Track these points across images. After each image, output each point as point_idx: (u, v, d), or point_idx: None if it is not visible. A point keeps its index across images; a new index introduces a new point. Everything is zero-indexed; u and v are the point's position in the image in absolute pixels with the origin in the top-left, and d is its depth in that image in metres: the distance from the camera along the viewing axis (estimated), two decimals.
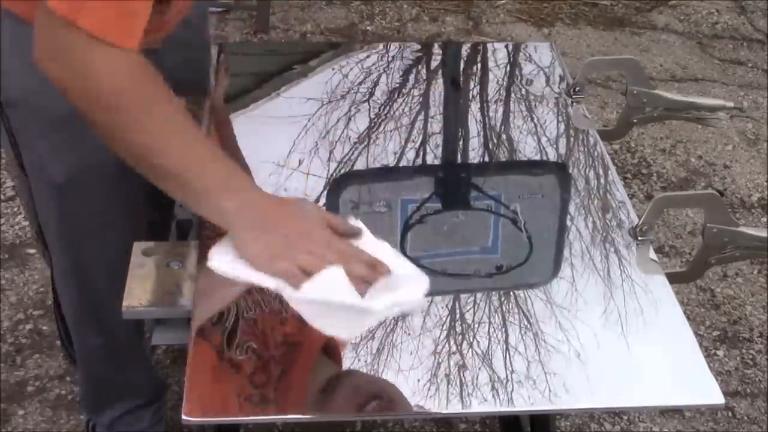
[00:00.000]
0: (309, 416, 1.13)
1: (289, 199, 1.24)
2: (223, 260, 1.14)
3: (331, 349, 1.19)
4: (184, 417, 1.06)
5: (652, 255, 1.34)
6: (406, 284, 1.13)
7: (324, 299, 1.10)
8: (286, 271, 1.11)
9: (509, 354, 1.16)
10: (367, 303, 1.10)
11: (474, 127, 1.60)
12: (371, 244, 1.17)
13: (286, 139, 1.51)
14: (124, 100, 1.13)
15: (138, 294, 1.20)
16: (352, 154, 1.50)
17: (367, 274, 1.12)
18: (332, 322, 1.11)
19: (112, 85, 1.12)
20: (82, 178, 1.44)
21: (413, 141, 1.55)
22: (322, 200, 1.42)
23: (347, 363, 1.16)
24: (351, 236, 1.18)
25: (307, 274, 1.11)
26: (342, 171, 1.48)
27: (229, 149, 1.46)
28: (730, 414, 2.18)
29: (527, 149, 1.56)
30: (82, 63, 1.12)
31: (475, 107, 1.66)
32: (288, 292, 1.11)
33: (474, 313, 1.21)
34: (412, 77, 1.72)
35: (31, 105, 1.39)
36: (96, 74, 1.12)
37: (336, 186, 1.45)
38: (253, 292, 1.19)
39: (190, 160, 1.15)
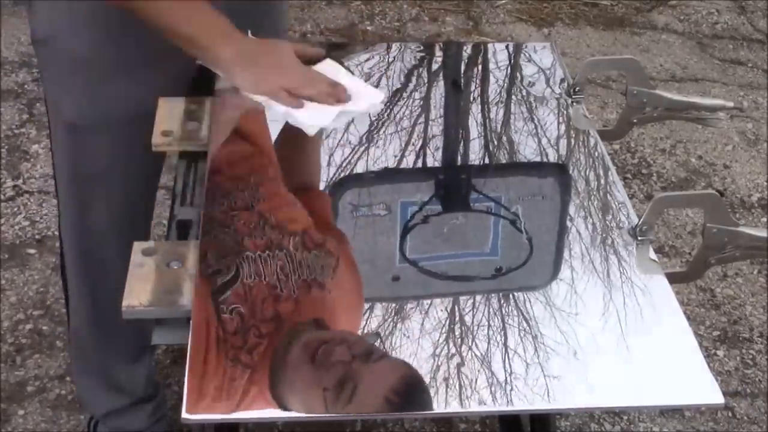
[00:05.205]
0: (309, 416, 1.13)
1: (266, 40, 1.46)
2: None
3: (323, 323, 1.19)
4: (183, 416, 1.06)
5: (652, 255, 1.34)
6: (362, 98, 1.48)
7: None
8: (271, 91, 1.39)
9: (508, 356, 1.16)
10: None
11: (474, 128, 1.60)
12: (331, 68, 1.50)
13: None
14: None
15: (138, 294, 1.20)
16: (352, 156, 1.50)
17: (330, 92, 1.43)
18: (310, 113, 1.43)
19: None
20: (92, 119, 1.53)
21: (413, 143, 1.55)
22: None
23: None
24: (316, 60, 1.49)
25: (288, 92, 1.40)
26: (342, 173, 1.47)
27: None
28: (730, 414, 2.18)
29: (527, 150, 1.55)
30: None
31: (475, 108, 1.66)
32: (275, 108, 1.41)
33: (473, 316, 1.21)
34: (412, 78, 1.72)
35: (55, 44, 1.48)
36: None
37: (335, 188, 1.45)
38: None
39: (192, 19, 1.37)
